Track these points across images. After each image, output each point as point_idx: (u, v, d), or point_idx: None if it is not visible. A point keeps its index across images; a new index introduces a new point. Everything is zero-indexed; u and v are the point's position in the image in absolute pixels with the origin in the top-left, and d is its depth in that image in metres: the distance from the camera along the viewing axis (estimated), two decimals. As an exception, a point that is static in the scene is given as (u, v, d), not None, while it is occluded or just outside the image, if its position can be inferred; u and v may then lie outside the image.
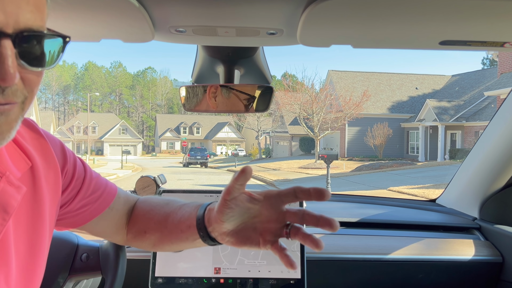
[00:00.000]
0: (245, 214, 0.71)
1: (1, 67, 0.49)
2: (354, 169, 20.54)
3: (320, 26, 0.80)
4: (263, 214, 0.71)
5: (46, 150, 0.77)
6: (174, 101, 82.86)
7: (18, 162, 0.70)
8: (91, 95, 67.48)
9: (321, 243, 0.66)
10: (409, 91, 32.15)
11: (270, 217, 0.70)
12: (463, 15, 0.74)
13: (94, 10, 0.76)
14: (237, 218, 0.71)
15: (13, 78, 0.50)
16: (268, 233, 0.70)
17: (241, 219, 0.72)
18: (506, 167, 1.57)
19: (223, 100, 1.20)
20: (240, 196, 0.71)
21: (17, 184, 0.67)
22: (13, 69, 0.50)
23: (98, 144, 58.43)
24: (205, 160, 31.96)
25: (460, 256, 1.51)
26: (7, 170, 0.66)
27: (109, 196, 0.90)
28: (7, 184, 0.65)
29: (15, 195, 0.66)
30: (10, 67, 0.49)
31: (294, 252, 1.32)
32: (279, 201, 0.70)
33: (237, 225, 0.72)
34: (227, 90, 1.20)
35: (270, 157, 39.21)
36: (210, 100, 1.20)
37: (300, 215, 0.68)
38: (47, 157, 0.77)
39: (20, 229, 0.69)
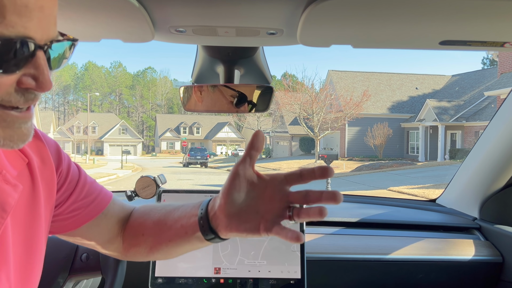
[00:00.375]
0: (250, 193, 0.71)
1: (42, 77, 0.55)
2: (354, 169, 20.54)
3: (320, 26, 0.80)
4: (266, 194, 0.71)
5: (41, 149, 0.78)
6: (174, 101, 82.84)
7: (15, 160, 0.71)
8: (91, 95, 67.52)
9: (324, 210, 0.65)
10: (409, 91, 32.15)
11: (274, 197, 0.70)
12: (463, 15, 0.74)
13: (94, 10, 0.76)
14: (242, 196, 0.71)
15: (51, 86, 0.56)
16: (270, 213, 0.70)
17: (245, 198, 0.71)
18: (506, 167, 1.57)
19: (223, 100, 1.20)
20: (248, 171, 0.71)
21: (13, 183, 0.68)
22: (49, 77, 0.56)
23: (98, 144, 58.42)
24: (205, 160, 31.95)
25: (460, 256, 1.51)
26: (3, 168, 0.67)
27: (103, 202, 0.89)
28: (4, 183, 0.66)
29: (12, 193, 0.67)
30: (48, 76, 0.55)
31: (294, 252, 1.32)
32: (284, 181, 0.70)
33: (240, 206, 0.71)
34: (227, 90, 1.20)
35: (270, 157, 39.21)
36: (210, 100, 1.20)
37: (303, 194, 0.69)
38: (42, 155, 0.77)
39: (18, 227, 0.70)
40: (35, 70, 0.54)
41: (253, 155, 0.70)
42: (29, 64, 0.54)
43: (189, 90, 1.22)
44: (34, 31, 0.53)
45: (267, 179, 0.71)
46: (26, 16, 0.51)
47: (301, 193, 0.69)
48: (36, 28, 0.53)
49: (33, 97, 0.57)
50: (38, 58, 0.54)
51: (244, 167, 0.70)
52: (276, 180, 0.71)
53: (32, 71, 0.54)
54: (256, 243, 1.33)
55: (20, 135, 0.58)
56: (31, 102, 0.57)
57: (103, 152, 56.51)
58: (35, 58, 0.54)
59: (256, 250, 1.32)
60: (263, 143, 0.71)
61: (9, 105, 0.55)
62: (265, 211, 0.70)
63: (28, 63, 0.54)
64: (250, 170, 0.71)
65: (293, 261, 1.31)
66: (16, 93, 0.55)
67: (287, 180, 0.70)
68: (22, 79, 0.54)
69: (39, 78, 0.54)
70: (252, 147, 0.70)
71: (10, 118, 0.56)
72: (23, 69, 0.54)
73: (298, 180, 0.69)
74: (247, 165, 0.71)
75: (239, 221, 0.71)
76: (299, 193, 0.69)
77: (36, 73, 0.54)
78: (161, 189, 1.36)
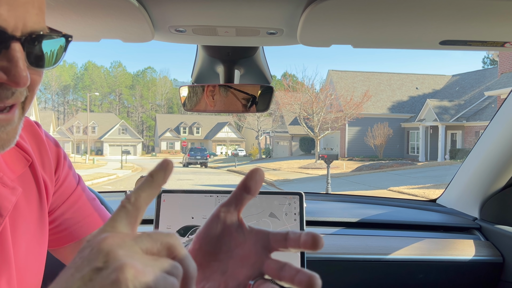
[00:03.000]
0: (224, 246, 0.54)
1: (15, 70, 0.50)
2: (354, 169, 20.55)
3: (320, 26, 0.80)
4: (241, 253, 0.54)
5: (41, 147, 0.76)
6: (174, 101, 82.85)
7: (16, 162, 0.70)
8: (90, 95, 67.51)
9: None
10: (410, 91, 32.16)
11: (248, 258, 0.53)
12: (463, 15, 0.74)
13: (94, 10, 0.76)
14: (215, 247, 0.54)
15: (26, 80, 0.51)
16: (235, 280, 0.52)
17: (217, 251, 0.54)
18: (507, 167, 1.56)
19: (223, 100, 1.20)
20: (231, 217, 0.55)
21: (11, 185, 0.66)
22: (25, 71, 0.50)
23: (98, 144, 58.43)
24: (205, 160, 31.96)
25: (461, 256, 1.51)
26: (0, 171, 0.66)
27: (91, 225, 0.80)
28: (1, 186, 0.64)
29: (10, 196, 0.65)
30: (22, 70, 0.50)
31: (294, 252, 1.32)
32: (266, 241, 0.54)
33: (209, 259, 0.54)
34: (227, 90, 1.20)
35: (270, 157, 39.21)
36: (210, 100, 1.20)
37: (281, 264, 0.53)
38: (42, 154, 0.76)
39: (25, 229, 0.69)
40: (8, 62, 0.49)
41: (243, 198, 0.54)
42: (2, 56, 0.49)
43: (189, 90, 1.22)
44: (4, 19, 0.48)
45: (247, 232, 0.55)
46: None
47: (279, 263, 0.53)
48: (6, 16, 0.48)
49: (10, 95, 0.52)
50: (11, 50, 0.49)
51: (227, 210, 0.55)
52: (258, 236, 0.55)
53: (5, 63, 0.50)
54: (256, 243, 1.33)
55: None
56: (7, 100, 0.52)
57: (102, 152, 56.52)
58: (9, 50, 0.49)
59: None
60: (261, 183, 0.54)
61: None
62: (231, 275, 0.53)
63: (1, 55, 0.49)
64: (235, 216, 0.55)
65: (293, 261, 1.31)
66: None
67: (270, 240, 0.54)
68: None
69: (11, 71, 0.49)
70: (245, 188, 0.54)
71: None
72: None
73: (282, 244, 0.54)
74: (232, 209, 0.55)
75: (201, 276, 0.54)
76: (277, 263, 0.53)
77: (9, 66, 0.49)
78: (161, 189, 1.36)
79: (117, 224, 0.41)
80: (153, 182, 0.44)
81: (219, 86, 1.20)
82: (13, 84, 0.50)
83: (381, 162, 21.64)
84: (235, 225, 0.55)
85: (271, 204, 1.36)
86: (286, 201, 1.37)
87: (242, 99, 1.19)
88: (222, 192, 1.38)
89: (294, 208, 1.36)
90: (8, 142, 0.55)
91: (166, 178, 0.45)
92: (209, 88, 1.20)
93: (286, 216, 1.35)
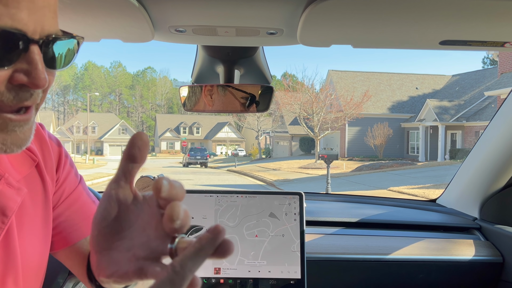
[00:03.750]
0: (124, 223, 0.51)
1: (35, 72, 0.51)
2: (354, 169, 20.54)
3: (320, 26, 0.80)
4: (140, 222, 0.51)
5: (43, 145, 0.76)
6: (174, 101, 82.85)
7: (22, 162, 0.70)
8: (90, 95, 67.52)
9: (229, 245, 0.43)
10: (409, 91, 32.16)
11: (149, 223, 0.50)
12: (463, 15, 0.74)
13: (94, 10, 0.76)
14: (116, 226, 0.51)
15: (45, 82, 0.52)
16: (144, 249, 0.49)
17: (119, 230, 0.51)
18: (507, 167, 1.56)
19: (223, 100, 1.20)
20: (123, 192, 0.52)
21: (17, 186, 0.66)
22: (44, 74, 0.52)
23: (98, 144, 58.42)
24: (205, 160, 31.95)
25: (461, 256, 1.51)
26: (6, 171, 0.66)
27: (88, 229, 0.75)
28: (6, 186, 0.65)
29: (15, 197, 0.65)
30: (42, 72, 0.52)
31: (294, 252, 1.32)
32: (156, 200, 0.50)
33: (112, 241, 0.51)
34: (227, 90, 1.20)
35: (270, 157, 39.20)
36: (210, 100, 1.20)
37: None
38: (45, 157, 0.76)
39: (33, 229, 0.69)
40: (28, 65, 0.51)
41: (131, 169, 0.51)
42: (22, 59, 0.51)
43: (189, 90, 1.22)
44: (24, 24, 0.50)
45: (142, 200, 0.52)
46: (14, 6, 0.48)
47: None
48: (27, 20, 0.50)
49: (29, 96, 0.53)
50: (31, 53, 0.51)
51: (117, 186, 0.52)
52: (152, 200, 0.51)
53: (25, 66, 0.51)
54: (256, 243, 1.33)
55: (15, 139, 0.55)
56: (26, 101, 0.53)
57: (102, 152, 56.51)
58: (28, 52, 0.51)
59: (256, 250, 1.32)
60: (145, 149, 0.50)
61: (1, 105, 0.52)
62: (141, 246, 0.50)
63: (21, 58, 0.51)
64: (127, 189, 0.52)
65: (293, 261, 1.31)
66: (8, 91, 0.51)
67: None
68: (14, 75, 0.51)
69: (31, 73, 0.51)
70: (129, 157, 0.50)
71: (1, 121, 0.52)
72: (15, 64, 0.51)
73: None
74: (122, 183, 0.52)
75: (108, 262, 0.51)
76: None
77: (29, 68, 0.51)
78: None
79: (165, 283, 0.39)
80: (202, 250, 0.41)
81: (219, 87, 1.20)
82: (33, 86, 0.52)
83: (381, 162, 21.64)
84: (130, 199, 0.52)
85: (271, 204, 1.36)
86: (286, 201, 1.37)
87: (242, 99, 1.19)
88: (222, 192, 1.38)
89: (294, 208, 1.36)
90: (25, 141, 0.56)
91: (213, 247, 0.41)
92: (209, 90, 1.20)
93: (286, 216, 1.35)
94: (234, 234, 1.33)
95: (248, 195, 1.37)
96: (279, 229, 1.34)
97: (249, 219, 1.35)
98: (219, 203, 1.36)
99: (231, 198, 1.37)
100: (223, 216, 1.35)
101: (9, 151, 0.55)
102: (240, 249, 1.32)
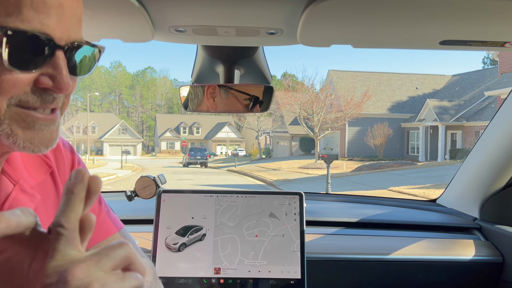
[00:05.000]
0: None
1: (59, 77, 0.53)
2: (354, 169, 20.55)
3: (320, 26, 0.80)
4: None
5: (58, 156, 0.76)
6: (174, 101, 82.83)
7: (37, 169, 0.70)
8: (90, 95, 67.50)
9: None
10: (410, 91, 32.15)
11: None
12: (463, 15, 0.74)
13: (94, 10, 0.76)
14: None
15: (68, 87, 0.54)
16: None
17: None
18: (507, 167, 1.56)
19: (223, 100, 1.21)
20: None
21: (31, 192, 0.66)
22: (68, 79, 0.54)
23: (98, 144, 58.41)
24: (205, 160, 31.95)
25: (461, 256, 1.51)
26: (20, 178, 0.66)
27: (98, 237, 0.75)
28: (20, 193, 0.65)
29: (28, 203, 0.65)
30: (66, 77, 0.54)
31: (294, 252, 1.32)
32: None
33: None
34: (227, 90, 1.20)
35: (270, 157, 39.20)
36: (210, 100, 1.20)
37: None
38: (59, 164, 0.76)
39: None
40: (53, 70, 0.53)
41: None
42: (48, 63, 0.53)
43: (189, 90, 1.22)
44: (52, 29, 0.52)
45: None
46: (44, 12, 0.51)
47: None
48: (55, 26, 0.52)
49: (52, 100, 0.55)
50: (57, 58, 0.53)
51: None
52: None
53: (50, 71, 0.53)
54: (256, 243, 1.33)
55: (42, 138, 0.56)
56: (49, 104, 0.55)
57: (102, 152, 56.50)
58: (54, 57, 0.53)
59: (256, 250, 1.32)
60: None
61: (27, 106, 0.54)
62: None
63: (47, 62, 0.53)
64: None
65: (293, 261, 1.31)
66: (33, 93, 0.53)
67: None
68: (40, 78, 0.53)
69: (56, 78, 0.53)
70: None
71: (30, 119, 0.54)
72: (41, 68, 0.53)
73: None
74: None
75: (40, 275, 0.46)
76: None
77: (54, 73, 0.53)
78: (161, 189, 1.36)
79: (65, 253, 0.42)
80: (75, 198, 0.44)
81: (219, 87, 1.20)
82: (57, 90, 0.54)
83: (381, 162, 21.64)
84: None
85: (271, 204, 1.36)
86: (286, 201, 1.37)
87: (244, 100, 1.20)
88: (222, 192, 1.38)
89: (294, 208, 1.36)
90: (52, 141, 0.58)
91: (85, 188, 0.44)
92: (209, 90, 1.20)
93: (286, 216, 1.35)
94: (234, 234, 1.33)
95: (248, 195, 1.37)
96: (279, 229, 1.34)
97: (249, 219, 1.35)
98: (219, 203, 1.36)
99: (231, 198, 1.37)
100: (223, 216, 1.35)
101: (37, 150, 0.56)
102: (240, 249, 1.32)
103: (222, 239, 1.32)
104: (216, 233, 1.33)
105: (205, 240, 1.32)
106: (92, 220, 0.45)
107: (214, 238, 1.32)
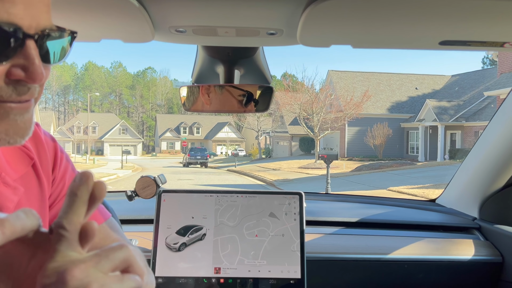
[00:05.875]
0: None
1: (32, 67, 0.51)
2: (354, 169, 20.54)
3: (320, 26, 0.80)
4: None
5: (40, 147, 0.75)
6: (174, 101, 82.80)
7: (18, 161, 0.70)
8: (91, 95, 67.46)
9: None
10: (409, 91, 32.15)
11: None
12: (463, 15, 0.74)
13: (94, 10, 0.76)
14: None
15: (42, 77, 0.53)
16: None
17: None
18: (506, 167, 1.57)
19: (221, 100, 1.21)
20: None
21: (13, 185, 0.66)
22: (41, 68, 0.52)
23: (98, 144, 58.40)
24: (205, 160, 31.94)
25: (460, 256, 1.51)
26: (2, 171, 0.66)
27: None
28: (3, 185, 0.64)
29: (11, 196, 0.65)
30: (38, 66, 0.52)
31: (294, 252, 1.32)
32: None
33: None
34: (224, 89, 1.20)
35: (270, 157, 39.19)
36: (206, 98, 1.21)
37: None
38: (41, 156, 0.75)
39: None
40: (25, 60, 0.51)
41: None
42: (19, 54, 0.51)
43: (189, 90, 1.23)
44: (20, 18, 0.50)
45: None
46: (9, 1, 0.48)
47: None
48: (22, 15, 0.50)
49: (27, 91, 0.53)
50: (27, 48, 0.51)
51: None
52: None
53: (22, 61, 0.51)
54: (256, 243, 1.33)
55: (16, 129, 0.54)
56: (25, 95, 0.54)
57: (103, 152, 56.49)
58: (24, 48, 0.51)
59: (256, 250, 1.32)
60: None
61: (2, 100, 0.52)
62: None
63: (17, 53, 0.51)
64: None
65: (293, 261, 1.31)
66: (6, 85, 0.51)
67: None
68: (11, 70, 0.51)
69: (29, 68, 0.51)
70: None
71: (2, 110, 0.52)
72: (12, 59, 0.51)
73: None
74: None
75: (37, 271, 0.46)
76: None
77: (26, 64, 0.51)
78: (161, 189, 1.36)
79: (65, 254, 0.42)
80: (78, 200, 0.44)
81: (219, 87, 1.21)
82: (31, 80, 0.52)
83: (381, 162, 21.63)
84: None
85: (271, 204, 1.36)
86: (286, 201, 1.37)
87: (240, 98, 1.20)
88: (222, 192, 1.38)
89: (294, 208, 1.36)
90: (27, 131, 0.56)
91: (89, 191, 0.44)
92: (209, 90, 1.20)
93: (286, 216, 1.35)
94: (234, 234, 1.33)
95: (248, 195, 1.37)
96: (279, 229, 1.34)
97: (249, 219, 1.35)
98: (219, 203, 1.36)
99: (231, 198, 1.37)
100: (223, 216, 1.35)
101: (13, 141, 0.55)
102: (240, 248, 1.32)
103: (222, 239, 1.32)
104: (216, 233, 1.33)
105: (205, 240, 1.32)
106: (94, 229, 0.45)
107: (214, 238, 1.32)
